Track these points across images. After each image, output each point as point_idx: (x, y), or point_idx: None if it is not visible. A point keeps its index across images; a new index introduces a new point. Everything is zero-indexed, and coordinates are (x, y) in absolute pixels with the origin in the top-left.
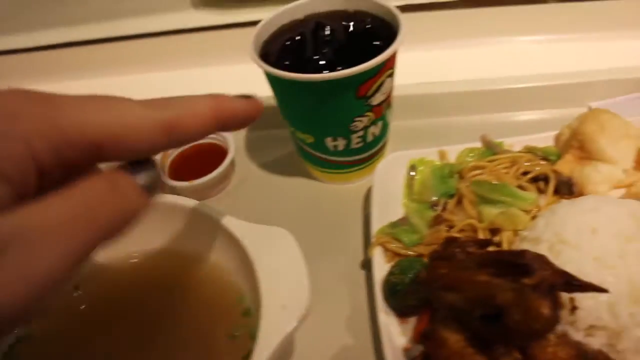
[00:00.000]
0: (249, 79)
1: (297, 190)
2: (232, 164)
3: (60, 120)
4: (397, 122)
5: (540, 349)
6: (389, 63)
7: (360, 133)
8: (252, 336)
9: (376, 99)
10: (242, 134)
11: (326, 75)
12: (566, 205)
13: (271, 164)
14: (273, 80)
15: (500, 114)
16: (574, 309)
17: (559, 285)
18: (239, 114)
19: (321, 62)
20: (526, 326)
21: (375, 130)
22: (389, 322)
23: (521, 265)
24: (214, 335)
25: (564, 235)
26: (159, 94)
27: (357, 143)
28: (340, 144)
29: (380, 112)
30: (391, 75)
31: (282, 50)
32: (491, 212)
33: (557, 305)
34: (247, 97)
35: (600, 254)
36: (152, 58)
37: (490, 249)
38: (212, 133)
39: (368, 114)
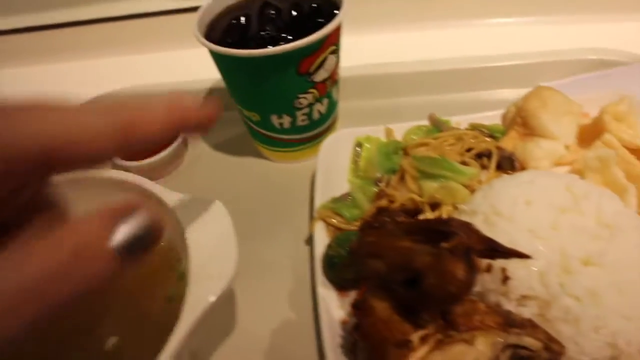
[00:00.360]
0: (201, 63)
1: (248, 169)
2: (185, 144)
3: (4, 131)
4: (347, 103)
5: (466, 317)
6: (331, 39)
7: (306, 110)
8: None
9: (319, 76)
10: None
11: (266, 50)
12: (504, 179)
13: (223, 144)
14: (217, 58)
15: (450, 95)
16: (505, 279)
17: (483, 251)
18: (195, 116)
19: (264, 39)
20: (441, 289)
21: (321, 108)
22: (327, 295)
23: (447, 233)
24: (153, 296)
25: (499, 208)
26: (106, 81)
27: (303, 121)
28: (286, 121)
29: (325, 89)
30: (335, 52)
31: (226, 29)
32: (431, 186)
33: (472, 268)
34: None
35: (533, 225)
36: (99, 44)
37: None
38: (172, 136)
39: (312, 90)
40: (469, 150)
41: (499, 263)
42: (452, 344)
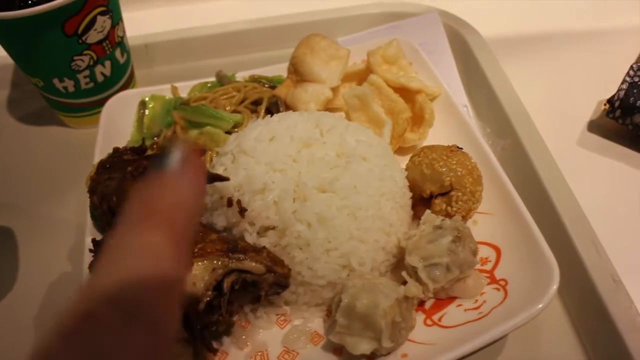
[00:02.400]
0: None
1: (51, 137)
2: None
3: None
4: (152, 68)
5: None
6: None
7: (86, 73)
8: None
9: (92, 37)
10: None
11: (22, 11)
12: (257, 122)
13: (29, 116)
14: None
15: (248, 55)
16: (242, 210)
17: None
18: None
19: (29, 2)
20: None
21: (104, 70)
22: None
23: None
24: None
25: (243, 146)
26: None
27: (87, 84)
28: (69, 85)
29: (104, 51)
30: (106, 13)
31: None
32: (193, 133)
33: None
34: None
35: (273, 159)
36: None
37: None
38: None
39: (88, 52)
40: (244, 100)
41: (236, 196)
42: None
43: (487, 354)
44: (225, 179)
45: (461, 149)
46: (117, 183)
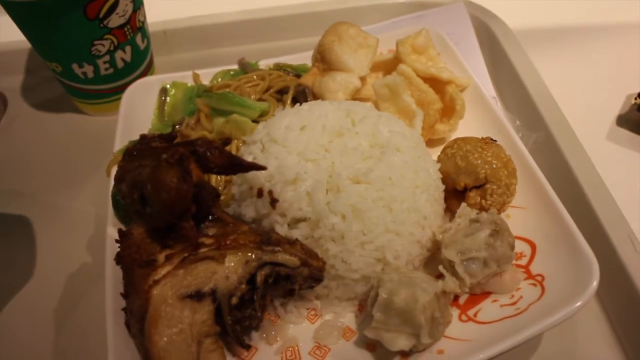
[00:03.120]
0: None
1: (67, 125)
2: (2, 101)
3: None
4: (171, 56)
5: (219, 238)
6: None
7: (106, 58)
8: None
9: (113, 22)
10: (14, 75)
11: None
12: (286, 110)
13: (43, 103)
14: (5, 6)
15: (271, 43)
16: (274, 201)
17: (225, 166)
18: None
19: None
20: (157, 197)
21: (124, 56)
22: (114, 233)
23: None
24: None
25: (273, 135)
26: None
27: (107, 69)
28: (88, 70)
29: (125, 36)
30: None
31: None
32: (219, 121)
33: (187, 175)
34: None
35: (304, 148)
36: None
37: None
38: None
39: (108, 37)
40: (269, 89)
41: (267, 186)
42: (197, 261)
43: (522, 351)
44: (262, 167)
45: (495, 141)
46: (152, 170)
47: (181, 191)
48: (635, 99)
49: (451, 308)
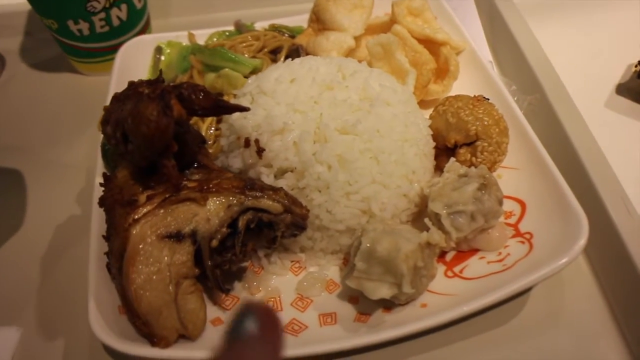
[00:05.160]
0: None
1: (62, 85)
2: (0, 62)
3: None
4: (168, 19)
5: (202, 182)
6: None
7: (102, 15)
8: None
9: None
10: (12, 36)
11: None
12: (278, 65)
13: (40, 64)
14: None
15: (268, 8)
16: (260, 151)
17: (210, 108)
18: None
19: None
20: (136, 131)
21: (120, 14)
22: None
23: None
24: None
25: (263, 86)
26: None
27: (102, 27)
28: (84, 27)
29: None
30: None
31: None
32: (211, 76)
33: (167, 109)
34: None
35: (294, 100)
36: None
37: None
38: None
39: None
40: (263, 49)
41: (254, 136)
42: (179, 202)
43: (509, 309)
44: (246, 109)
45: (488, 99)
46: (133, 105)
47: (161, 125)
48: (636, 66)
49: (437, 264)
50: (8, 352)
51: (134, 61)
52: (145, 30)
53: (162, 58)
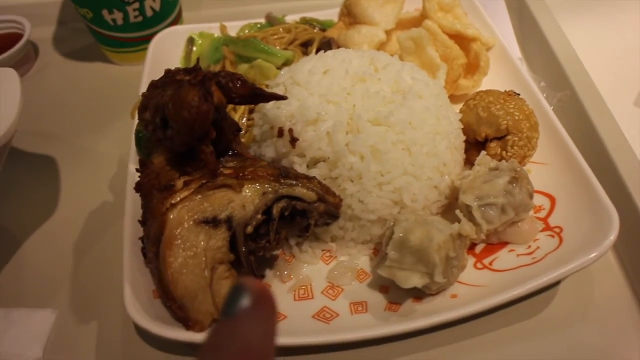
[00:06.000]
0: None
1: (95, 74)
2: (33, 50)
3: None
4: (198, 11)
5: (238, 169)
6: None
7: (136, 5)
8: None
9: None
10: (46, 26)
11: None
12: (311, 57)
13: (73, 53)
14: None
15: (297, 2)
16: (294, 140)
17: (247, 96)
18: None
19: None
20: (177, 116)
21: (153, 4)
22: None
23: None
24: None
25: (297, 78)
26: None
27: (136, 17)
28: (118, 17)
29: None
30: None
31: None
32: (243, 67)
33: (208, 94)
34: None
35: (327, 91)
36: None
37: None
38: None
39: None
40: (295, 41)
41: (287, 125)
42: (215, 188)
43: (538, 303)
44: (283, 97)
45: (518, 94)
46: (174, 91)
47: (202, 110)
48: None
49: (467, 255)
50: (44, 333)
51: (167, 51)
52: (177, 21)
53: (194, 49)
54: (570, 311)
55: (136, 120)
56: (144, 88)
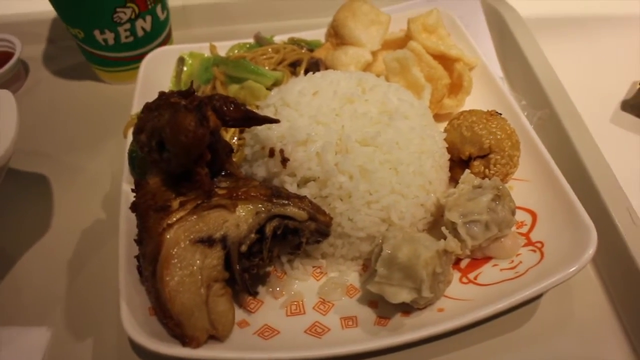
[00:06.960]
0: None
1: (86, 93)
2: (23, 68)
3: None
4: (188, 30)
5: (231, 190)
6: None
7: (127, 26)
8: None
9: None
10: (36, 44)
11: None
12: (300, 78)
13: (64, 71)
14: None
15: (287, 21)
16: (284, 160)
17: (240, 119)
18: None
19: None
20: (174, 140)
21: (144, 25)
22: (129, 188)
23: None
24: None
25: (287, 99)
26: None
27: (127, 37)
28: (109, 37)
29: (146, 5)
30: None
31: None
32: (234, 88)
33: (204, 119)
34: None
35: (316, 112)
36: None
37: None
38: None
39: (130, 5)
40: (283, 61)
41: (278, 146)
42: (210, 209)
43: (521, 315)
44: (276, 121)
45: (500, 114)
46: (171, 115)
47: (198, 134)
48: None
49: (453, 270)
50: (39, 351)
51: (158, 71)
52: (167, 40)
53: (185, 69)
54: (552, 323)
55: (129, 139)
56: (136, 107)
